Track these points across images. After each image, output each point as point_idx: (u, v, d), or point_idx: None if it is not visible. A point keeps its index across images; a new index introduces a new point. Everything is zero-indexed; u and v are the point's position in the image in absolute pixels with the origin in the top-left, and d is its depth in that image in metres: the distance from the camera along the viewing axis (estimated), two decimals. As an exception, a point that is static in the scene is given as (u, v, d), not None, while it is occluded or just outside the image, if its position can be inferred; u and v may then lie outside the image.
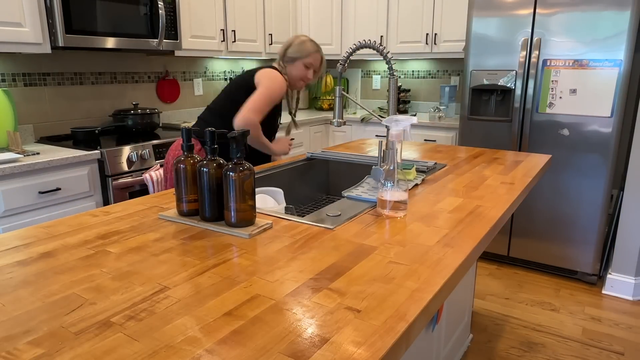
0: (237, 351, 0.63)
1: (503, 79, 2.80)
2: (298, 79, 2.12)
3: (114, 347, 0.64)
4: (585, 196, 2.68)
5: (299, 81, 2.13)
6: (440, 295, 0.81)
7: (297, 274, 0.86)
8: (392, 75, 1.50)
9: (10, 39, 2.11)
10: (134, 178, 2.39)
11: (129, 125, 2.73)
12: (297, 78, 2.12)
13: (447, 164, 1.81)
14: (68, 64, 2.68)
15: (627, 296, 2.62)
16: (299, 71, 2.10)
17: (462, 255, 0.94)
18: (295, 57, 2.08)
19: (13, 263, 0.91)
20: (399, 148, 1.19)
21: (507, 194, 1.39)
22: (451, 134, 3.38)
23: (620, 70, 2.46)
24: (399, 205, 1.17)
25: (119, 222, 1.15)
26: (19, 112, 2.50)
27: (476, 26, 2.82)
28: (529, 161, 1.87)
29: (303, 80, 2.13)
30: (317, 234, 1.07)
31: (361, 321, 0.70)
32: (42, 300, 0.76)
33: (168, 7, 2.68)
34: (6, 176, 1.96)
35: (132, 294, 0.78)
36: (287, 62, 2.10)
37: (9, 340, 0.65)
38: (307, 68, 2.11)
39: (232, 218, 1.06)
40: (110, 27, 2.43)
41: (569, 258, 2.80)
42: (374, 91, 4.37)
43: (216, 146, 1.08)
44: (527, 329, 2.32)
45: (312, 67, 2.11)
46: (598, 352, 2.14)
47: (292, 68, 2.10)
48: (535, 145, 2.78)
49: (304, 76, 2.12)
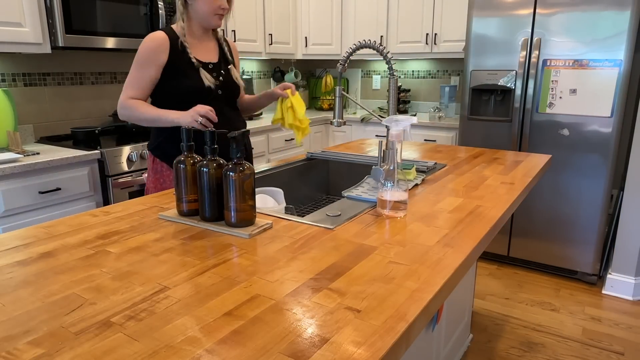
0: (237, 351, 0.63)
1: (503, 79, 2.80)
2: (211, 12, 1.64)
3: (114, 347, 0.64)
4: (585, 196, 2.68)
5: (214, 16, 1.66)
6: (440, 295, 0.81)
7: (297, 274, 0.86)
8: (392, 75, 1.50)
9: (10, 39, 2.11)
10: (134, 178, 2.39)
11: (129, 125, 2.72)
12: (210, 12, 1.64)
13: (447, 164, 1.81)
14: (68, 64, 2.68)
15: (627, 296, 2.62)
16: (208, 3, 1.63)
17: (462, 255, 0.94)
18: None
19: (13, 263, 0.91)
20: (399, 148, 1.19)
21: (507, 194, 1.39)
22: (451, 134, 3.38)
23: (620, 70, 2.46)
24: (399, 205, 1.17)
25: (119, 222, 1.15)
26: (19, 112, 2.50)
27: (476, 26, 2.82)
28: (529, 161, 1.87)
29: (217, 12, 1.65)
30: (317, 234, 1.07)
31: (361, 321, 0.70)
32: (42, 300, 0.76)
33: (168, 7, 2.68)
34: (6, 176, 1.96)
35: (132, 294, 0.78)
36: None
37: (9, 340, 0.65)
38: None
39: (232, 218, 1.06)
40: (110, 27, 2.43)
41: (569, 258, 2.80)
42: (374, 91, 4.37)
43: (216, 146, 1.08)
44: (527, 329, 2.32)
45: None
46: (598, 352, 2.14)
47: (199, 3, 1.63)
48: (535, 145, 2.78)
49: (217, 6, 1.64)
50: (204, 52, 1.75)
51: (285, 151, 3.59)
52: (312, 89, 4.50)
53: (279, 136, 3.49)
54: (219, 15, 1.67)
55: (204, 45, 1.76)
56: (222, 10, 1.66)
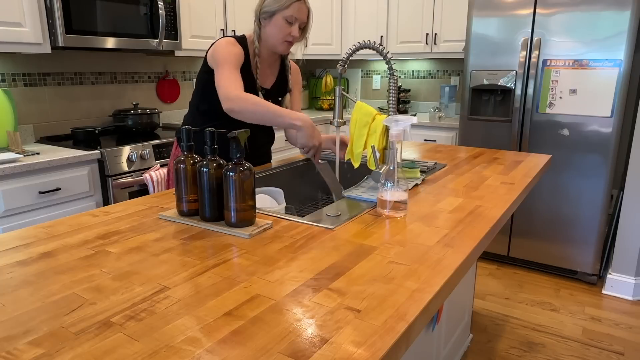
0: (237, 351, 0.63)
1: (503, 79, 2.80)
2: (280, 39, 1.65)
3: (114, 347, 0.64)
4: (585, 196, 2.68)
5: (282, 43, 1.66)
6: (440, 295, 0.81)
7: (297, 274, 0.86)
8: (392, 75, 1.50)
9: (10, 39, 2.11)
10: (134, 178, 2.39)
11: (129, 125, 2.73)
12: (279, 38, 1.65)
13: (447, 164, 1.81)
14: (68, 64, 2.68)
15: (627, 296, 2.62)
16: (279, 28, 1.63)
17: (462, 256, 0.94)
18: (272, 11, 1.63)
19: (13, 263, 0.91)
20: (399, 148, 1.19)
21: (507, 194, 1.39)
22: (451, 134, 3.38)
23: (620, 70, 2.46)
24: (399, 205, 1.17)
25: (119, 222, 1.15)
26: (19, 112, 2.50)
27: (476, 26, 2.82)
28: (529, 161, 1.87)
29: (287, 39, 1.65)
30: (317, 234, 1.07)
31: (361, 321, 0.70)
32: (42, 300, 0.76)
33: (168, 7, 2.68)
34: (6, 176, 1.96)
35: (132, 294, 0.78)
36: (263, 19, 1.66)
37: (9, 340, 0.65)
38: (290, 23, 1.63)
39: (232, 218, 1.06)
40: (110, 27, 2.43)
41: (569, 258, 2.80)
42: (374, 91, 4.37)
43: (216, 146, 1.08)
44: (527, 329, 2.32)
45: (295, 21, 1.63)
46: (598, 352, 2.14)
47: (270, 27, 1.64)
48: (535, 145, 2.78)
49: (287, 33, 1.64)
50: (264, 75, 1.76)
51: (285, 151, 3.59)
52: (312, 89, 4.50)
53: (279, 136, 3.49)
54: (287, 43, 1.67)
55: (266, 67, 1.77)
56: (292, 38, 1.65)
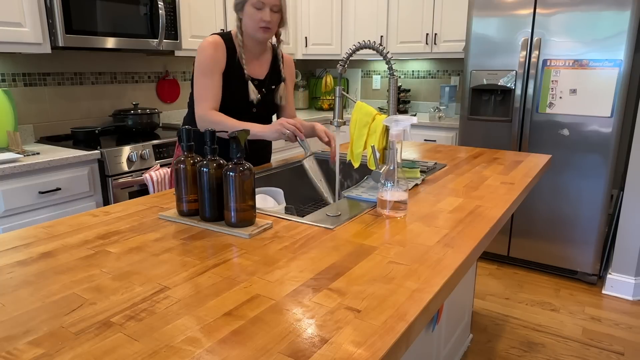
0: (237, 351, 0.63)
1: (503, 79, 2.80)
2: (255, 26, 1.63)
3: (114, 347, 0.64)
4: (585, 196, 2.68)
5: (258, 29, 1.64)
6: (440, 296, 0.81)
7: (297, 274, 0.86)
8: (392, 75, 1.50)
9: (10, 39, 2.11)
10: (134, 178, 2.39)
11: (129, 125, 2.72)
12: (254, 26, 1.64)
13: (447, 164, 1.81)
14: (68, 64, 2.68)
15: (627, 296, 2.62)
16: (250, 16, 1.62)
17: (462, 255, 0.94)
18: (242, 2, 1.63)
19: (13, 263, 0.91)
20: (399, 148, 1.19)
21: (507, 194, 1.39)
22: (451, 134, 3.38)
23: (620, 70, 2.46)
24: (399, 205, 1.17)
25: (119, 222, 1.15)
26: (19, 112, 2.50)
27: (476, 26, 2.82)
28: (529, 161, 1.87)
29: (260, 25, 1.63)
30: (317, 234, 1.07)
31: (361, 321, 0.70)
32: (42, 300, 0.76)
33: (168, 7, 2.68)
34: (6, 176, 1.96)
35: (132, 294, 0.78)
36: (238, 11, 1.66)
37: (9, 340, 0.65)
38: (258, 9, 1.61)
39: (232, 218, 1.06)
40: (110, 27, 2.43)
41: (568, 258, 2.80)
42: (374, 91, 4.37)
43: (216, 146, 1.08)
44: (527, 329, 2.32)
45: (263, 6, 1.61)
46: (598, 352, 2.14)
47: (245, 17, 1.65)
48: (535, 145, 2.78)
49: (259, 19, 1.61)
50: (254, 66, 1.77)
51: (285, 151, 3.59)
52: (312, 89, 4.50)
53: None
54: (263, 29, 1.65)
55: (256, 59, 1.78)
56: (265, 23, 1.63)
